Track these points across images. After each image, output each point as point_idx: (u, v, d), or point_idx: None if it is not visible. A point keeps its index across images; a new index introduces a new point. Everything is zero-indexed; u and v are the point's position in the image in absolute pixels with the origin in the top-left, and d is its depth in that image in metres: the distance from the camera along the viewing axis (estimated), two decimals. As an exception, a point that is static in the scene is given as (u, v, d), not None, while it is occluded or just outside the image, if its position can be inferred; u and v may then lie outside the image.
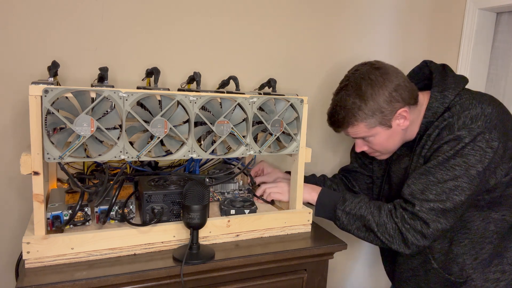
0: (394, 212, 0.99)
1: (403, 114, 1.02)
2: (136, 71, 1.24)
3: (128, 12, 1.22)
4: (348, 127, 1.05)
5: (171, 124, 0.89)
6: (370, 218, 1.00)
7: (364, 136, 1.06)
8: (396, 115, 1.02)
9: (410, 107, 1.03)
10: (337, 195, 1.08)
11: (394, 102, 1.00)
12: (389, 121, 1.02)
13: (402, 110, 1.01)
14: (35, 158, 0.79)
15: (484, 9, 1.66)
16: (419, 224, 0.95)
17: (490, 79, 1.75)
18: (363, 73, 1.03)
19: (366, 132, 1.04)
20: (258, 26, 1.39)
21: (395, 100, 1.00)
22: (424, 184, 0.97)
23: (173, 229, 0.93)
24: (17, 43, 1.12)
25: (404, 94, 1.01)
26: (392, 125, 1.03)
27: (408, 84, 1.03)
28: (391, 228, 0.98)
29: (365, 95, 1.00)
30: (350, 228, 1.04)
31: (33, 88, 0.78)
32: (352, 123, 1.04)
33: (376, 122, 1.02)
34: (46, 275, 0.79)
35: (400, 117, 1.03)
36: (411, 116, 1.04)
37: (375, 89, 1.00)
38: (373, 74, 1.02)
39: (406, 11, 1.62)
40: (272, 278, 0.97)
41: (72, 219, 0.89)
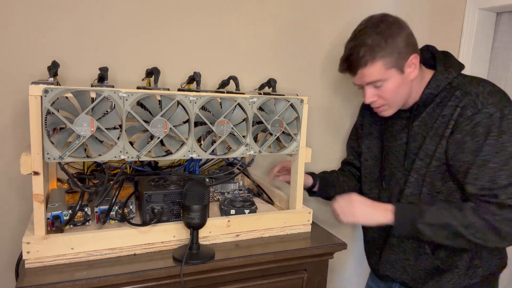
0: (478, 208, 0.94)
1: (413, 61, 1.03)
2: (136, 71, 1.24)
3: (128, 12, 1.22)
4: (366, 65, 1.02)
5: (171, 124, 0.89)
6: (455, 223, 0.94)
7: (378, 78, 1.02)
8: (409, 60, 1.02)
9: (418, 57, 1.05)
10: (412, 208, 1.01)
11: (410, 46, 1.02)
12: (403, 66, 1.02)
13: (414, 56, 1.02)
14: (35, 158, 0.79)
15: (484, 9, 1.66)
16: (509, 211, 0.91)
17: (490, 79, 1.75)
18: (378, 17, 1.05)
19: (381, 73, 1.01)
20: (258, 26, 1.39)
21: (410, 43, 1.02)
22: (489, 174, 0.94)
23: (173, 229, 0.93)
24: (17, 43, 1.12)
25: (416, 42, 1.05)
26: (405, 71, 1.03)
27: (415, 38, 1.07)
28: (481, 226, 0.93)
29: (384, 33, 1.01)
30: (437, 239, 0.98)
31: (33, 88, 0.78)
32: (371, 60, 1.01)
33: (392, 62, 1.01)
34: (46, 275, 0.79)
35: (411, 64, 1.03)
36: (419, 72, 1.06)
37: (394, 29, 1.01)
38: (390, 18, 1.04)
39: (405, 11, 1.62)
40: (272, 278, 0.97)
41: (72, 219, 0.89)
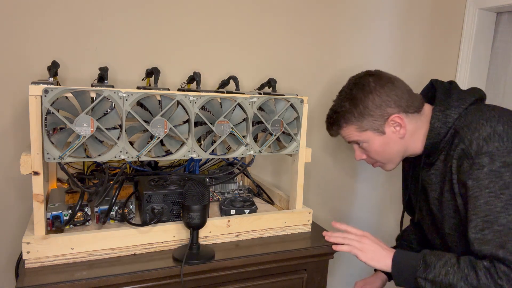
0: (494, 270, 0.83)
1: (397, 121, 1.00)
2: (136, 71, 1.24)
3: (128, 12, 1.22)
4: (340, 129, 1.06)
5: (171, 124, 0.89)
6: (463, 286, 0.84)
7: (356, 139, 1.05)
8: (389, 120, 1.00)
9: (408, 115, 1.01)
10: (416, 257, 0.93)
11: (386, 107, 0.99)
12: (381, 127, 1.01)
13: (395, 116, 0.99)
14: (35, 158, 0.79)
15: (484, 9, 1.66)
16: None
17: (490, 79, 1.75)
18: (356, 79, 1.05)
19: (357, 135, 1.04)
20: (258, 26, 1.39)
21: (386, 105, 0.99)
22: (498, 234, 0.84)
23: (173, 229, 0.93)
24: (17, 43, 1.12)
25: (399, 100, 1.00)
26: (386, 132, 1.01)
27: (407, 91, 1.02)
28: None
29: (354, 98, 1.01)
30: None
31: (33, 88, 0.78)
32: (342, 125, 1.05)
33: (367, 125, 1.01)
34: (46, 275, 0.79)
35: (394, 123, 1.00)
36: (411, 125, 1.02)
37: (365, 93, 1.00)
38: (365, 80, 1.02)
39: (406, 11, 1.62)
40: (272, 278, 0.97)
41: (72, 219, 0.89)
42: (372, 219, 1.75)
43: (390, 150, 1.04)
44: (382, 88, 1.00)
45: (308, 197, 1.57)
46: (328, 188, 1.62)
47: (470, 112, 0.96)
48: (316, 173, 1.58)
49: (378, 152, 1.05)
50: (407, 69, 1.66)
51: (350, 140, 1.07)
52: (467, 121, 0.94)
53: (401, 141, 1.03)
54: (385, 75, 1.04)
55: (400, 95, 1.00)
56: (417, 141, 1.04)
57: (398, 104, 0.99)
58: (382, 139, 1.02)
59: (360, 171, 1.67)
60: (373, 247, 0.99)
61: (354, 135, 1.04)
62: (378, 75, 1.03)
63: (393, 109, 0.99)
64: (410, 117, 1.01)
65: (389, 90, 1.00)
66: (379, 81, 1.01)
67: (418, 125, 1.03)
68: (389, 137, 1.02)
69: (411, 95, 1.02)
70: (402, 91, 1.01)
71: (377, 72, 1.05)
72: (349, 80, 1.08)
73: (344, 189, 1.67)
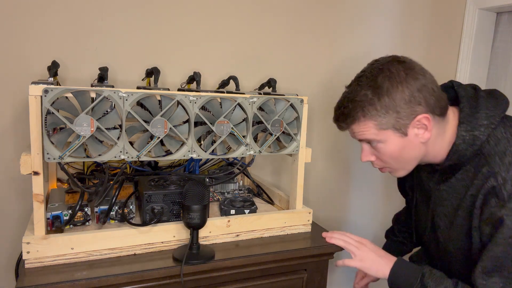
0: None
1: (423, 122, 0.85)
2: (136, 71, 1.24)
3: (128, 12, 1.22)
4: (353, 122, 0.89)
5: (171, 124, 0.89)
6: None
7: (372, 138, 0.89)
8: (415, 121, 0.85)
9: (435, 117, 0.87)
10: (414, 274, 0.90)
11: (415, 105, 0.84)
12: (405, 127, 0.86)
13: (422, 116, 0.85)
14: (35, 158, 0.79)
15: (484, 9, 1.66)
16: None
17: (490, 79, 1.75)
18: (382, 64, 0.87)
19: (374, 134, 0.88)
20: (258, 26, 1.39)
21: (416, 101, 0.84)
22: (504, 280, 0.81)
23: (173, 229, 0.93)
24: (17, 43, 1.12)
25: (429, 98, 0.85)
26: (409, 133, 0.86)
27: (436, 89, 0.86)
28: None
29: (380, 88, 0.84)
30: None
31: (33, 88, 0.78)
32: (358, 119, 0.87)
33: (388, 123, 0.86)
34: (46, 275, 0.79)
35: (419, 125, 0.86)
36: (435, 129, 0.88)
37: (394, 83, 0.84)
38: (394, 67, 0.86)
39: (406, 11, 1.62)
40: (272, 278, 0.97)
41: (72, 219, 0.89)
42: (372, 218, 1.75)
43: (407, 155, 0.90)
44: (414, 81, 0.84)
45: (308, 197, 1.57)
46: (328, 188, 1.62)
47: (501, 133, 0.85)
48: (316, 173, 1.58)
49: (393, 156, 0.90)
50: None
51: (362, 138, 0.91)
52: (500, 148, 0.83)
53: (421, 146, 0.89)
54: (417, 65, 0.88)
55: (431, 92, 0.85)
56: (437, 149, 0.90)
57: (428, 102, 0.85)
58: (402, 141, 0.88)
59: (360, 171, 1.67)
60: (371, 256, 0.96)
61: (371, 132, 0.88)
62: (409, 64, 0.87)
63: (423, 107, 0.84)
64: (435, 119, 0.87)
65: (421, 85, 0.84)
66: (410, 71, 0.85)
67: (440, 131, 0.89)
68: (410, 140, 0.88)
69: (439, 92, 0.87)
70: (432, 86, 0.86)
71: (408, 60, 0.89)
72: (372, 63, 0.90)
73: (344, 189, 1.67)
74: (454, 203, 0.91)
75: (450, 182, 0.92)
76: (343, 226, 1.70)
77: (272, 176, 1.51)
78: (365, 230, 1.74)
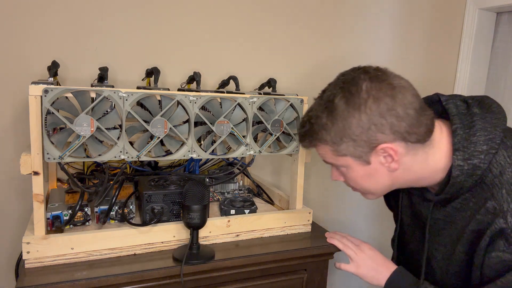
0: None
1: (389, 152, 0.74)
2: (136, 71, 1.24)
3: (128, 12, 1.22)
4: (312, 146, 0.82)
5: (171, 124, 0.89)
6: None
7: (332, 163, 0.81)
8: (377, 149, 0.74)
9: (408, 144, 0.74)
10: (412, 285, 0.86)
11: (376, 133, 0.72)
12: (366, 155, 0.75)
13: (385, 146, 0.73)
14: (35, 158, 0.79)
15: (484, 9, 1.66)
16: None
17: (490, 79, 1.75)
18: (345, 80, 0.76)
19: (333, 159, 0.79)
20: (258, 26, 1.39)
21: (377, 129, 0.72)
22: None
23: (173, 229, 0.93)
24: (17, 43, 1.12)
25: (397, 125, 0.71)
26: (372, 162, 0.76)
27: (412, 112, 0.72)
28: None
29: (335, 111, 0.74)
30: None
31: (33, 88, 0.78)
32: (315, 142, 0.80)
33: (346, 150, 0.76)
34: (46, 275, 0.79)
35: (382, 153, 0.75)
36: (408, 158, 0.75)
37: (351, 106, 0.72)
38: (356, 86, 0.73)
39: (406, 11, 1.62)
40: (272, 278, 0.97)
41: (72, 219, 0.89)
42: (372, 218, 1.75)
43: (375, 183, 0.80)
44: (376, 103, 0.71)
45: (308, 197, 1.57)
46: (328, 188, 1.62)
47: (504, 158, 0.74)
48: (316, 173, 1.58)
49: (357, 183, 0.82)
50: (407, 69, 1.66)
51: (325, 161, 0.83)
52: (506, 178, 0.72)
53: (390, 175, 0.79)
54: (387, 80, 0.73)
55: (401, 116, 0.71)
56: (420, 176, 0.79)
57: (395, 129, 0.72)
58: (365, 169, 0.78)
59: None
60: (368, 263, 0.91)
61: (329, 157, 0.80)
62: (377, 79, 0.73)
63: (386, 136, 0.72)
64: (409, 147, 0.75)
65: (387, 108, 0.71)
66: (375, 89, 0.72)
67: (422, 158, 0.77)
68: (374, 169, 0.77)
69: (419, 116, 0.73)
70: (406, 110, 0.71)
71: (377, 73, 0.74)
72: (338, 77, 0.79)
73: (344, 189, 1.67)
74: (453, 234, 0.81)
75: (446, 211, 0.81)
76: (343, 226, 1.70)
77: (272, 176, 1.51)
78: (365, 230, 1.74)
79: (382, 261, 0.91)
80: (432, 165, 0.77)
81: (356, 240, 0.98)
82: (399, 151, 0.74)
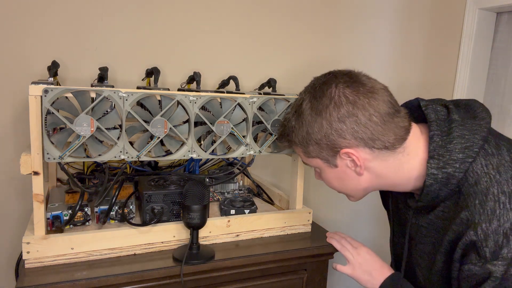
0: None
1: (351, 157, 0.75)
2: (136, 71, 1.24)
3: (128, 12, 1.22)
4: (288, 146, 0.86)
5: (171, 124, 0.89)
6: None
7: (306, 163, 0.85)
8: (340, 154, 0.75)
9: (374, 150, 0.74)
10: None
11: (337, 137, 0.74)
12: (331, 159, 0.77)
13: (347, 151, 0.74)
14: (35, 158, 0.79)
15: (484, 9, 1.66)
16: None
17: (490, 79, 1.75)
18: (314, 85, 0.78)
19: (305, 160, 0.83)
20: (258, 26, 1.39)
21: (337, 134, 0.73)
22: None
23: (173, 229, 0.93)
24: (17, 43, 1.12)
25: (359, 131, 0.72)
26: (338, 165, 0.78)
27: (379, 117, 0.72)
28: None
29: (302, 116, 0.77)
30: None
31: (33, 88, 0.78)
32: (289, 144, 0.84)
33: (313, 152, 0.79)
34: (46, 275, 0.79)
35: (346, 157, 0.76)
36: (376, 163, 0.76)
37: (314, 111, 0.75)
38: (322, 91, 0.75)
39: (405, 11, 1.62)
40: (272, 278, 0.97)
41: (72, 219, 0.89)
42: (372, 219, 1.75)
43: (346, 185, 0.82)
44: (337, 109, 0.73)
45: (308, 197, 1.57)
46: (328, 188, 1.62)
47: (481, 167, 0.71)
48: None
49: (332, 184, 0.84)
50: (407, 69, 1.66)
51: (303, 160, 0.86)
52: (480, 188, 0.69)
53: (359, 178, 0.79)
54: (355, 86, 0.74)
55: (364, 123, 0.72)
56: (398, 182, 0.79)
57: (355, 135, 0.73)
58: (335, 172, 0.80)
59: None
60: (364, 266, 0.91)
61: (302, 158, 0.84)
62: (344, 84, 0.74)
63: (347, 141, 0.73)
64: (375, 153, 0.74)
65: (347, 114, 0.72)
66: (339, 95, 0.73)
67: (394, 164, 0.76)
68: (342, 172, 0.79)
69: (386, 123, 0.73)
70: (369, 117, 0.72)
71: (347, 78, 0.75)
72: (312, 81, 0.82)
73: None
74: (435, 243, 0.79)
75: (429, 219, 0.79)
76: (343, 226, 1.70)
77: (272, 176, 1.51)
78: (364, 231, 1.74)
79: (378, 266, 0.90)
80: (406, 172, 0.76)
81: (356, 242, 0.97)
82: (362, 157, 0.75)
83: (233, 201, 1.09)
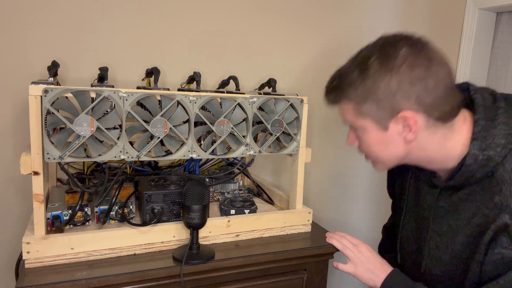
0: None
1: (408, 121, 0.73)
2: (136, 71, 1.24)
3: (128, 12, 1.22)
4: (336, 100, 0.82)
5: (171, 124, 0.89)
6: None
7: (351, 122, 0.81)
8: (398, 117, 0.74)
9: (429, 120, 0.74)
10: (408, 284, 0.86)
11: (401, 98, 0.72)
12: (385, 120, 0.75)
13: (407, 113, 0.73)
14: (35, 158, 0.79)
15: (484, 9, 1.66)
16: None
17: (490, 79, 1.75)
18: (384, 43, 0.77)
19: (353, 118, 0.79)
20: (258, 26, 1.39)
21: (403, 95, 0.72)
22: None
23: (173, 229, 0.93)
24: (17, 43, 1.12)
25: (424, 96, 0.72)
26: (390, 129, 0.76)
27: (443, 88, 0.73)
28: None
29: (367, 70, 0.74)
30: None
31: (33, 88, 0.78)
32: (340, 97, 0.80)
33: (368, 111, 0.76)
34: (46, 275, 0.79)
35: (402, 122, 0.74)
36: (425, 134, 0.76)
37: (383, 68, 0.72)
38: (394, 49, 0.73)
39: (405, 11, 1.62)
40: (272, 278, 0.97)
41: (72, 219, 0.89)
42: (372, 218, 1.75)
43: (387, 151, 0.80)
44: (409, 71, 0.71)
45: (308, 197, 1.57)
46: (328, 188, 1.63)
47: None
48: (316, 173, 1.58)
49: (370, 148, 0.82)
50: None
51: (344, 119, 0.83)
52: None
53: (404, 146, 0.78)
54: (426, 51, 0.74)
55: (430, 89, 0.71)
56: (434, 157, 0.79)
57: (420, 99, 0.72)
58: (382, 136, 0.78)
59: (361, 170, 1.67)
60: (365, 264, 0.91)
61: (350, 115, 0.80)
62: (416, 47, 0.73)
63: (411, 104, 0.72)
64: (430, 122, 0.74)
65: (417, 77, 0.71)
66: (412, 56, 0.72)
67: (439, 139, 0.77)
68: (390, 136, 0.77)
69: (447, 94, 0.73)
70: (436, 84, 0.72)
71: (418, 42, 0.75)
72: (377, 39, 0.80)
73: (344, 189, 1.67)
74: (453, 224, 0.80)
75: (451, 200, 0.80)
76: (343, 226, 1.70)
77: (272, 176, 1.51)
78: (364, 230, 1.74)
79: (379, 263, 0.92)
80: (447, 148, 0.77)
81: (355, 240, 0.98)
82: (418, 123, 0.74)
83: (233, 201, 1.09)
